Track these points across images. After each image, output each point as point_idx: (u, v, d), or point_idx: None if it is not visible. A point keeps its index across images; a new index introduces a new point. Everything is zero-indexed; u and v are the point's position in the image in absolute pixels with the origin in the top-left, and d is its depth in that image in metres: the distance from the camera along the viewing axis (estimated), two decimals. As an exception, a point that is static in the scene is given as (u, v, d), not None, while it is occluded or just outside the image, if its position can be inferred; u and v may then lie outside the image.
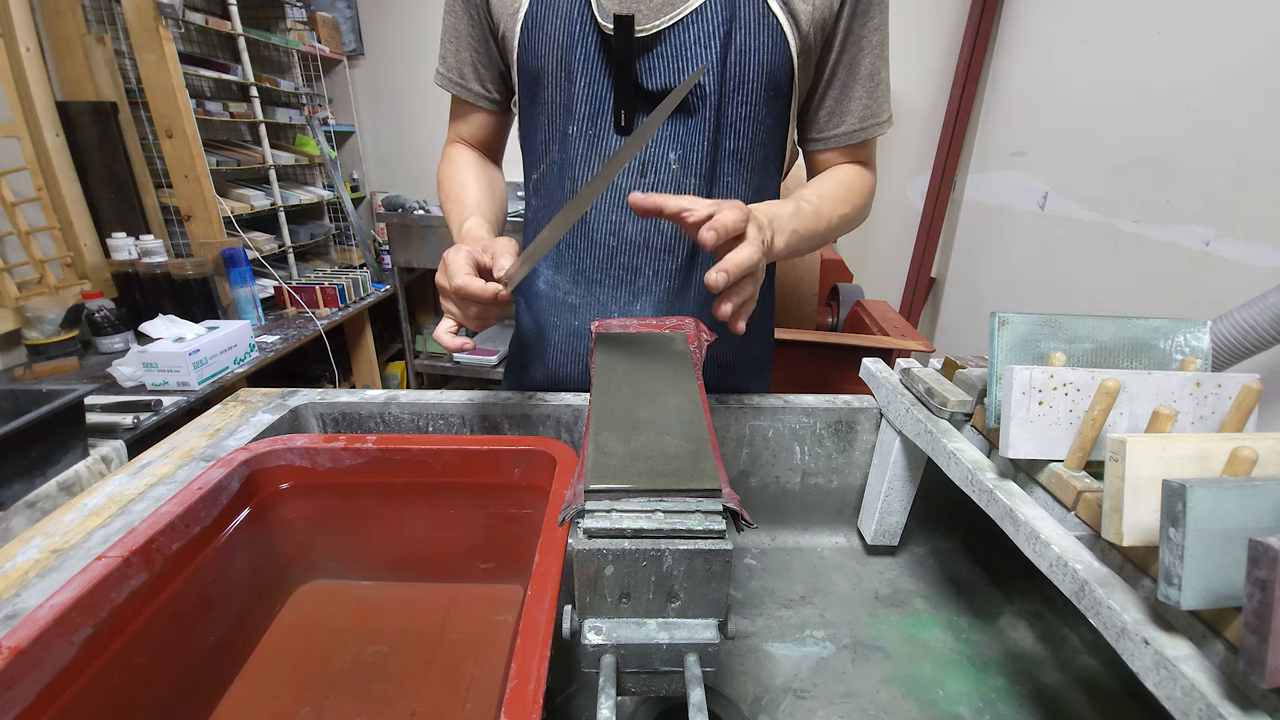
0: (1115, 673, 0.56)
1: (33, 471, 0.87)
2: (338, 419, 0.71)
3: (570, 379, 0.76)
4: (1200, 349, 0.49)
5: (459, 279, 0.51)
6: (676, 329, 0.58)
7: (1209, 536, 0.29)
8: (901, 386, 0.65)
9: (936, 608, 0.64)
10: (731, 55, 0.59)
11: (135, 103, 1.80)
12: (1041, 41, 1.85)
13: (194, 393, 1.38)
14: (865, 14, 0.62)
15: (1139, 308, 1.44)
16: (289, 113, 2.39)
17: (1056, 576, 0.39)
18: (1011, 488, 0.47)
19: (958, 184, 2.22)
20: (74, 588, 0.39)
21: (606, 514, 0.34)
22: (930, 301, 2.42)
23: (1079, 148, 1.66)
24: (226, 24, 1.99)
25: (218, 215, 1.92)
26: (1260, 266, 1.17)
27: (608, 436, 0.39)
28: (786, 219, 0.56)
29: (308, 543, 0.59)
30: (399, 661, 0.53)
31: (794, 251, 0.59)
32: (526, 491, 0.57)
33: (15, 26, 1.48)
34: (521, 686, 0.32)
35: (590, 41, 0.60)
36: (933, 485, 0.65)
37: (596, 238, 0.67)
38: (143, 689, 0.43)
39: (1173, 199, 1.36)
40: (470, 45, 0.69)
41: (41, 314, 1.49)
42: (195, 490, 0.49)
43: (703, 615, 0.35)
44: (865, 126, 0.67)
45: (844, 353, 1.38)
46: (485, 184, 0.73)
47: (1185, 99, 1.34)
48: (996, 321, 0.48)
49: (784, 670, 0.56)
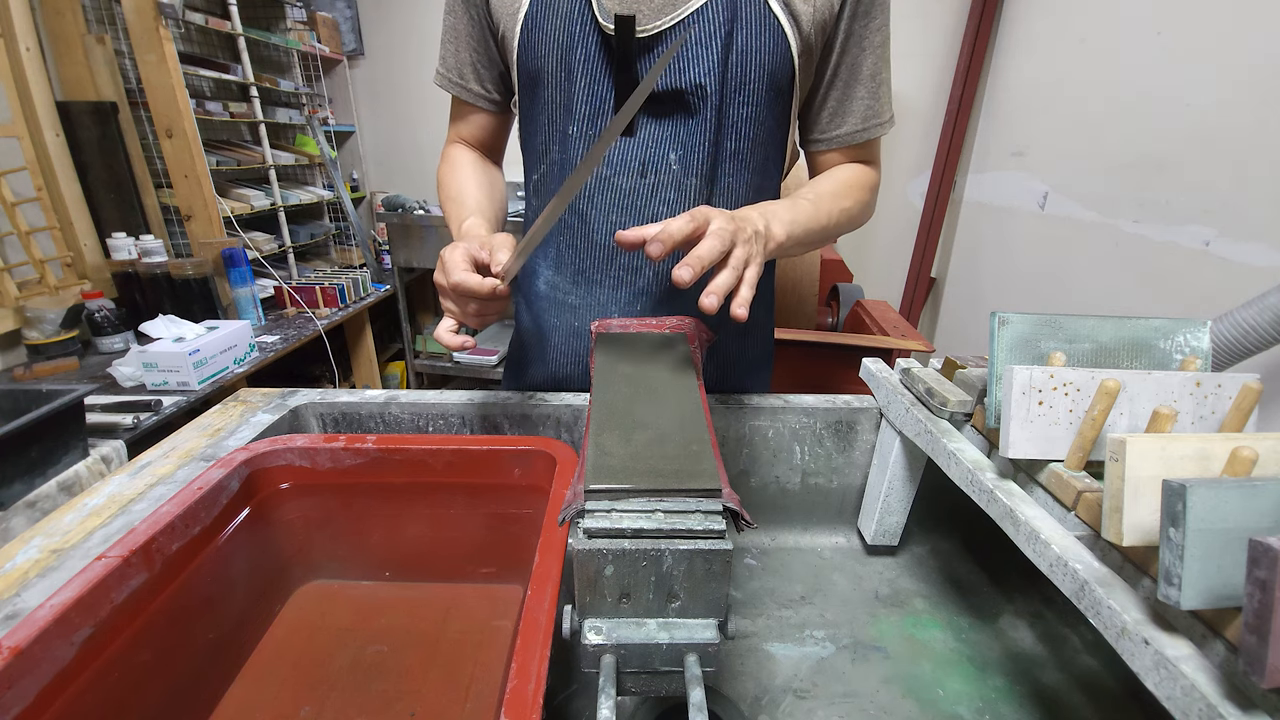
0: (1115, 673, 0.56)
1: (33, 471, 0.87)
2: (338, 419, 0.71)
3: (570, 379, 0.76)
4: (1200, 349, 0.49)
5: (456, 275, 0.51)
6: (676, 329, 0.58)
7: (1209, 536, 0.29)
8: (901, 386, 0.65)
9: (936, 608, 0.64)
10: (733, 55, 0.59)
11: (135, 103, 1.80)
12: (1041, 41, 1.85)
13: (194, 393, 1.38)
14: (866, 14, 0.62)
15: (1139, 308, 1.44)
16: (289, 113, 2.39)
17: (1056, 576, 0.39)
18: (1011, 488, 0.47)
19: (958, 184, 2.22)
20: (74, 588, 0.39)
21: (606, 514, 0.34)
22: (930, 301, 2.42)
23: (1079, 148, 1.66)
24: (226, 24, 1.99)
25: (218, 215, 1.92)
26: (1260, 266, 1.17)
27: (608, 436, 0.39)
28: (782, 210, 0.57)
29: (308, 543, 0.59)
30: (399, 661, 0.53)
31: (797, 241, 0.59)
32: (526, 491, 0.57)
33: (15, 26, 1.48)
34: (521, 686, 0.32)
35: (591, 41, 0.60)
36: (933, 485, 0.65)
37: (596, 238, 0.67)
38: (143, 689, 0.43)
39: (1173, 199, 1.36)
40: (470, 45, 0.69)
41: (41, 314, 1.49)
42: (195, 490, 0.49)
43: (703, 615, 0.35)
44: (867, 127, 0.67)
45: (844, 353, 1.38)
46: (485, 184, 0.73)
47: (1185, 99, 1.34)
48: (996, 321, 0.48)
49: (784, 670, 0.56)
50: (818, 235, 0.62)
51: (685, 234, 0.47)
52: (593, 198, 0.66)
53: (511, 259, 0.52)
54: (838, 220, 0.64)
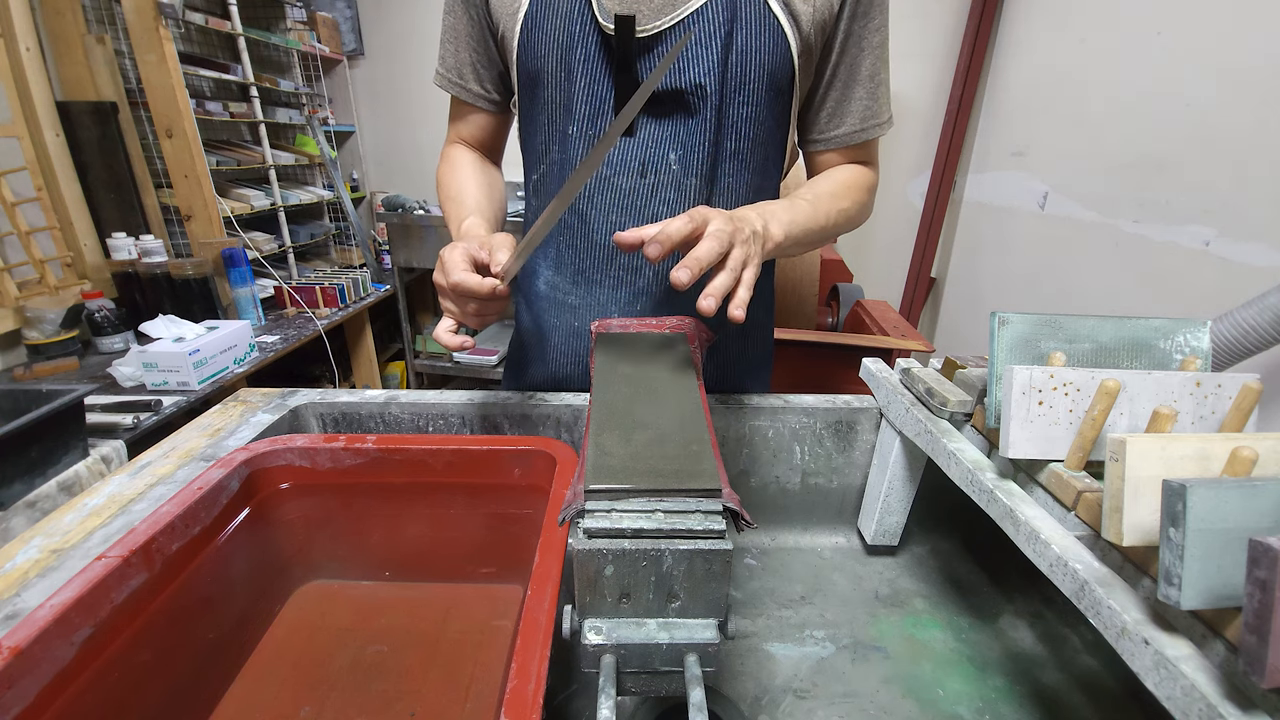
0: (1115, 673, 0.56)
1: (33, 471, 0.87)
2: (338, 419, 0.71)
3: (570, 379, 0.76)
4: (1200, 349, 0.49)
5: (456, 275, 0.51)
6: (676, 329, 0.58)
7: (1209, 536, 0.29)
8: (901, 386, 0.65)
9: (936, 608, 0.64)
10: (733, 55, 0.59)
11: (135, 103, 1.80)
12: (1041, 41, 1.85)
13: (194, 393, 1.38)
14: (866, 15, 0.62)
15: (1139, 308, 1.44)
16: (289, 113, 2.39)
17: (1056, 576, 0.39)
18: (1011, 488, 0.47)
19: (958, 184, 2.22)
20: (74, 588, 0.39)
21: (606, 514, 0.34)
22: (930, 301, 2.42)
23: (1079, 148, 1.66)
24: (226, 24, 1.99)
25: (218, 215, 1.92)
26: (1260, 266, 1.17)
27: (608, 437, 0.39)
28: (781, 211, 0.57)
29: (308, 543, 0.59)
30: (399, 661, 0.53)
31: (795, 242, 0.59)
32: (526, 491, 0.57)
33: (15, 26, 1.48)
34: (521, 686, 0.32)
35: (590, 41, 0.60)
36: (933, 485, 0.65)
37: (596, 238, 0.67)
38: (143, 689, 0.43)
39: (1173, 199, 1.36)
40: (470, 45, 0.69)
41: (41, 314, 1.49)
42: (195, 490, 0.49)
43: (703, 615, 0.35)
44: (866, 127, 0.67)
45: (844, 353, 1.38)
46: (484, 184, 0.73)
47: (1185, 99, 1.34)
48: (996, 321, 0.48)
49: (784, 670, 0.56)
50: (816, 236, 0.62)
51: (683, 235, 0.47)
52: (592, 198, 0.66)
53: (511, 259, 0.52)
54: (835, 221, 0.64)
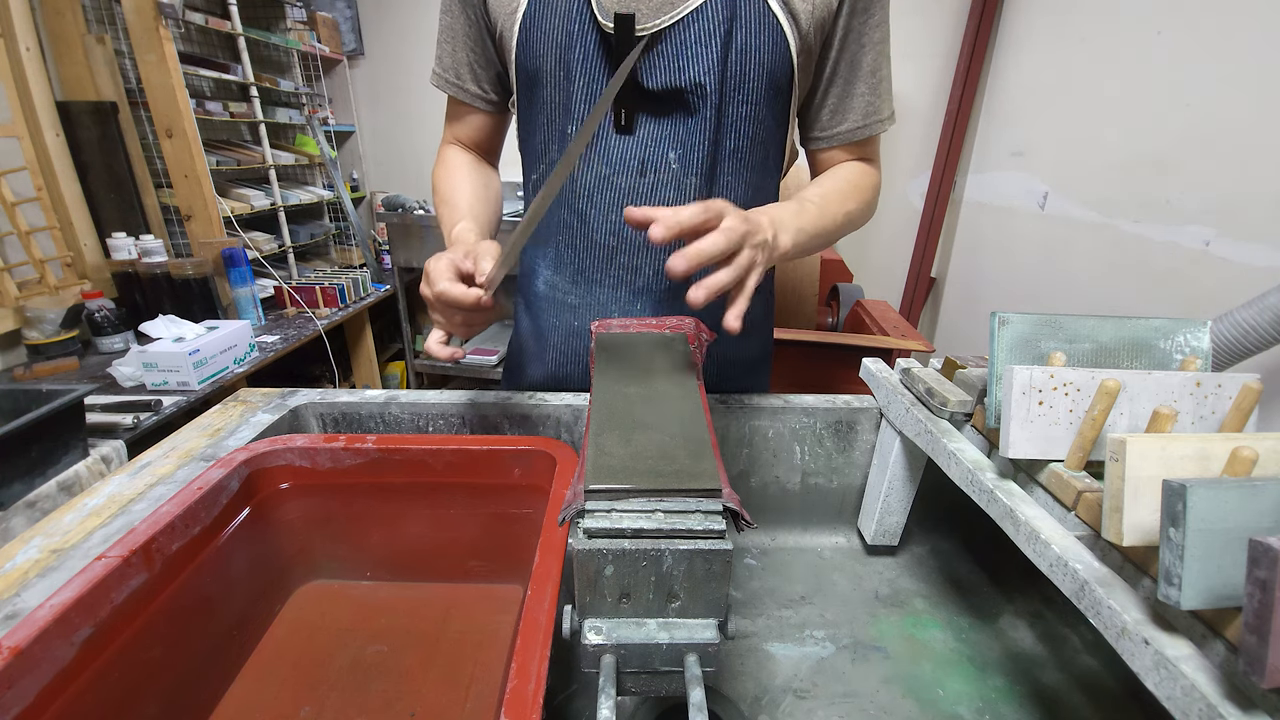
0: (1115, 673, 0.56)
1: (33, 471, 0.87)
2: (338, 419, 0.71)
3: (570, 379, 0.76)
4: (1200, 349, 0.49)
5: (439, 286, 0.51)
6: (676, 329, 0.58)
7: (1209, 536, 0.29)
8: (901, 386, 0.65)
9: (936, 608, 0.64)
10: (732, 54, 0.59)
11: (135, 103, 1.80)
12: (1041, 41, 1.85)
13: (194, 393, 1.38)
14: (866, 11, 0.62)
15: (1139, 308, 1.44)
16: (289, 113, 2.39)
17: (1056, 576, 0.39)
18: (1011, 488, 0.47)
19: (958, 184, 2.22)
20: (74, 588, 0.39)
21: (606, 514, 0.34)
22: (930, 301, 2.42)
23: (1079, 148, 1.66)
24: (226, 24, 1.99)
25: (218, 215, 1.92)
26: (1260, 266, 1.17)
27: (608, 437, 0.39)
28: (790, 218, 0.56)
29: (308, 543, 0.59)
30: (399, 661, 0.53)
31: (803, 250, 0.58)
32: (526, 491, 0.57)
33: (15, 26, 1.48)
34: (521, 686, 0.32)
35: (589, 40, 0.60)
36: (933, 485, 0.65)
37: (596, 238, 0.67)
38: (143, 689, 0.43)
39: (1173, 199, 1.36)
40: (467, 45, 0.69)
41: (41, 314, 1.49)
42: (195, 490, 0.49)
43: (703, 615, 0.35)
44: (868, 123, 0.67)
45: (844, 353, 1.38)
46: (479, 186, 0.73)
47: (1185, 99, 1.34)
48: (996, 321, 0.48)
49: (784, 670, 0.56)
50: (820, 242, 0.62)
51: (695, 224, 0.45)
52: (592, 197, 0.66)
53: (494, 268, 0.52)
54: (841, 224, 0.64)
